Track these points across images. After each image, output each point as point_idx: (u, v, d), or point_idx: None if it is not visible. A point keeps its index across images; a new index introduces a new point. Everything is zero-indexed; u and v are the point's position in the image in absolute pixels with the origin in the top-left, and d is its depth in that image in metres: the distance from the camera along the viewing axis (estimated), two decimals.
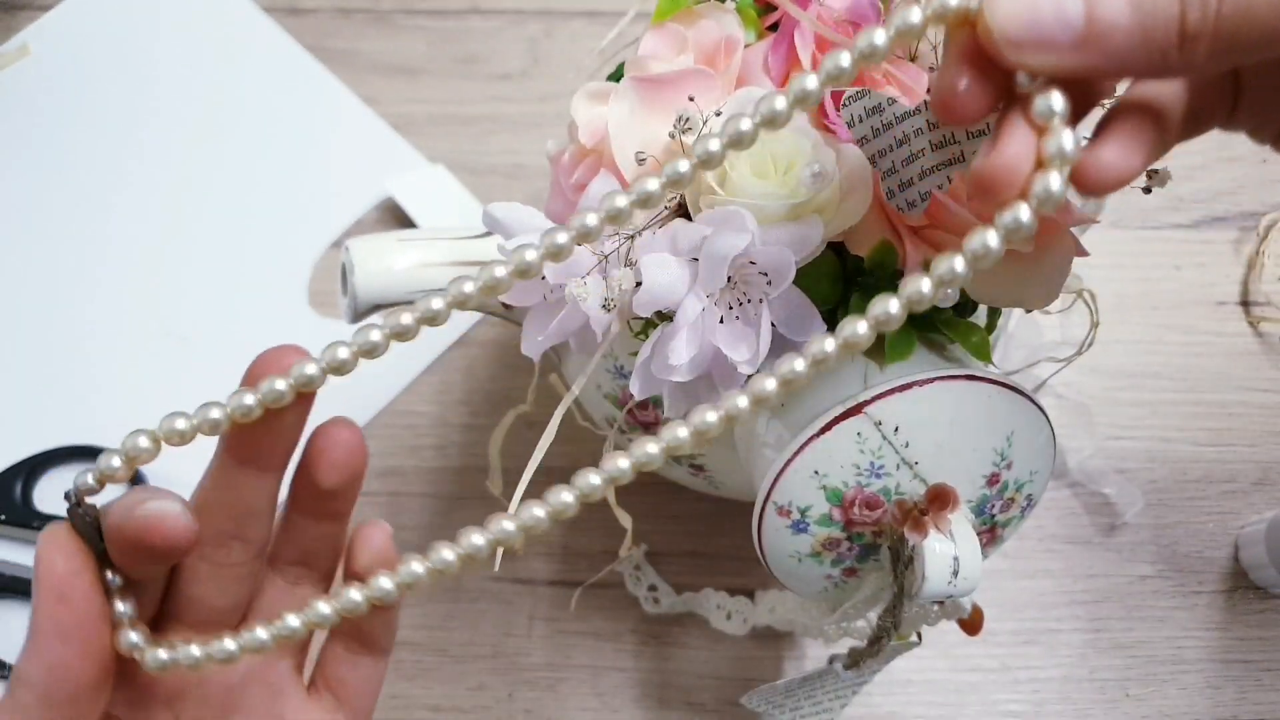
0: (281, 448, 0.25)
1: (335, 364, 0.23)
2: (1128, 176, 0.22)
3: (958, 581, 0.28)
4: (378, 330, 0.23)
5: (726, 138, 0.22)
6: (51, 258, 0.52)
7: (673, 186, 0.23)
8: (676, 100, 0.29)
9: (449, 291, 0.23)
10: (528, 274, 0.23)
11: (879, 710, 0.46)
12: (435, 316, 0.23)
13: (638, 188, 0.23)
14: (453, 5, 0.57)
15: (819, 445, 0.29)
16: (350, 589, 0.24)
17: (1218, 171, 0.54)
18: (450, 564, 0.23)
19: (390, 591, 0.23)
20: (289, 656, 0.28)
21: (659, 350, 0.28)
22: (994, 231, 0.20)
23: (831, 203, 0.29)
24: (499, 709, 0.46)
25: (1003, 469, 0.30)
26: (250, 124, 0.55)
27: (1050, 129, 0.20)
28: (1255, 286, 0.51)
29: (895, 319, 0.21)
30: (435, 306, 0.23)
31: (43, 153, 0.54)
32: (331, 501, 0.26)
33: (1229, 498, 0.48)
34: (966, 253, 0.21)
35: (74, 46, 0.56)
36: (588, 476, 0.23)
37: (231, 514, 0.25)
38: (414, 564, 0.23)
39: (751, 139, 0.22)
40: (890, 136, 0.27)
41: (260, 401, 0.23)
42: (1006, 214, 0.20)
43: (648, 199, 0.23)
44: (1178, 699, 0.46)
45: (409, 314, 0.23)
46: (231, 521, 0.25)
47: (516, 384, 0.50)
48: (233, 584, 0.26)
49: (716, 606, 0.46)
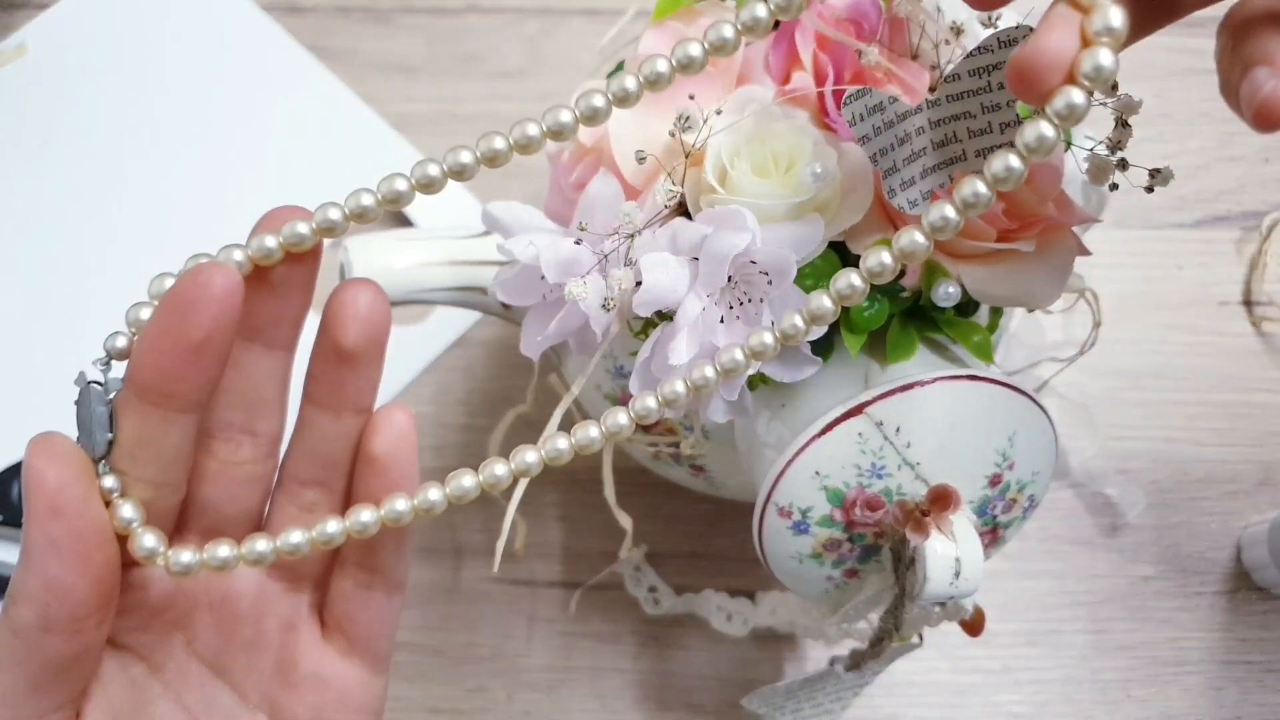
0: (290, 315, 0.23)
1: (369, 207, 0.21)
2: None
3: (959, 583, 0.28)
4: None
5: (643, 76, 0.22)
6: (49, 257, 0.51)
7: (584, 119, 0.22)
8: (676, 99, 0.29)
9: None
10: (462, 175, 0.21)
11: (880, 712, 0.45)
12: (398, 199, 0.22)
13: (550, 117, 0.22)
14: (451, 4, 0.57)
15: (820, 446, 0.29)
16: (361, 510, 0.22)
17: (1220, 171, 0.53)
18: (469, 491, 0.22)
19: (404, 513, 0.22)
20: (306, 590, 0.26)
21: (659, 350, 0.28)
22: (950, 206, 0.20)
23: (832, 202, 0.29)
24: (498, 711, 0.45)
25: (1005, 469, 0.30)
26: (248, 122, 0.54)
27: (1096, 5, 0.19)
28: (1258, 286, 0.51)
29: (859, 291, 0.22)
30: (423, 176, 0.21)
31: (40, 152, 0.53)
32: (353, 375, 0.24)
33: (1231, 498, 0.48)
34: (925, 225, 0.21)
35: (71, 45, 0.55)
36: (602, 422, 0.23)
37: (240, 402, 0.23)
38: (432, 491, 0.22)
39: (669, 79, 0.22)
40: (891, 135, 0.27)
41: (282, 245, 0.21)
42: (1058, 99, 0.19)
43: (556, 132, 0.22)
44: (1180, 700, 0.46)
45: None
46: (240, 411, 0.23)
47: (516, 384, 0.50)
48: (242, 488, 0.24)
49: (717, 608, 0.45)
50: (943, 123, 0.27)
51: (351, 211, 0.22)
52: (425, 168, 0.22)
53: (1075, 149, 0.30)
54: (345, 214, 0.22)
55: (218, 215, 0.52)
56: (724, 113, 0.29)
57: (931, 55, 0.30)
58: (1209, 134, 0.54)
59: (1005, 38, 0.25)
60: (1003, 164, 0.20)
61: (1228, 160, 0.54)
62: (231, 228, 0.52)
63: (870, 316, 0.30)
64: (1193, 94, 0.54)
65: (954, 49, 0.29)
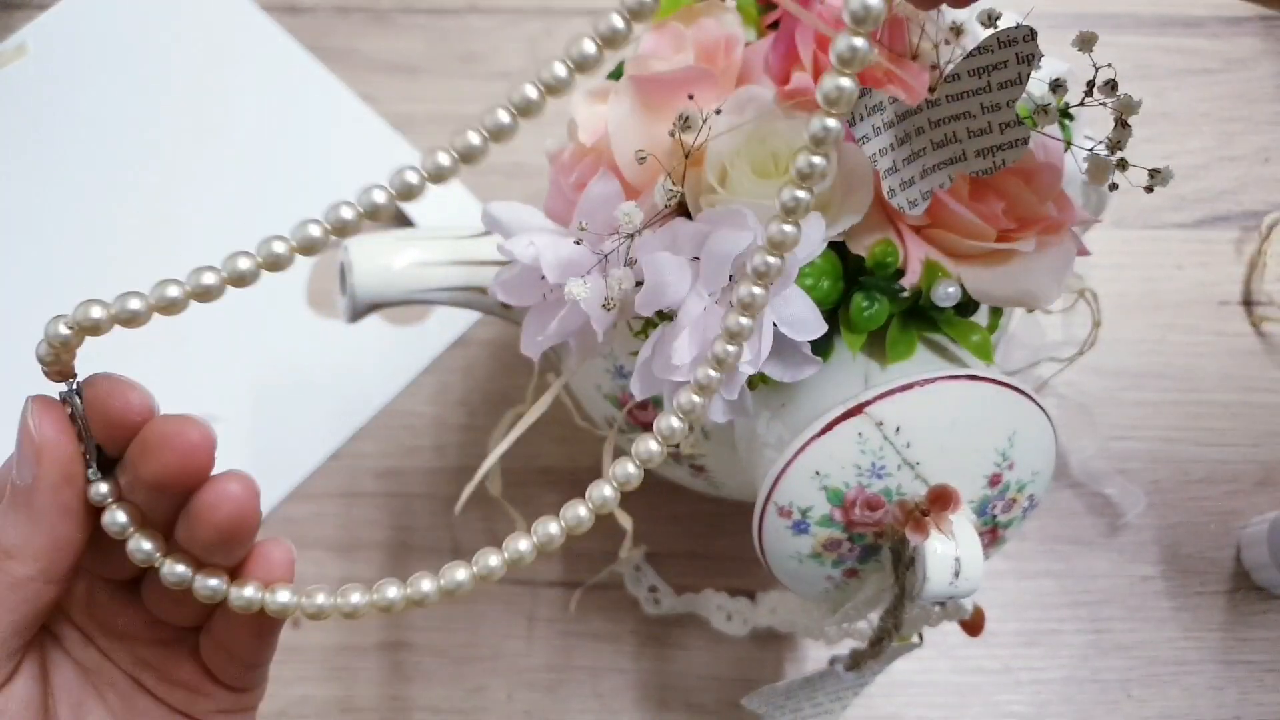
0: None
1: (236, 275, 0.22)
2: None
3: (959, 582, 0.28)
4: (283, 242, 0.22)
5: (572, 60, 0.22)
6: (49, 257, 0.51)
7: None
8: (676, 99, 0.29)
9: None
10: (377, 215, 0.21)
11: (880, 712, 0.45)
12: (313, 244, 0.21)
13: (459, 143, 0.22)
14: (452, 3, 0.57)
15: (820, 445, 0.29)
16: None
17: (1219, 171, 0.53)
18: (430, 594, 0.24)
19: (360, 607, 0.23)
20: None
21: (660, 350, 0.28)
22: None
23: (833, 202, 0.29)
24: (498, 711, 0.45)
25: (1004, 469, 0.30)
26: (249, 123, 0.54)
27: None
28: (1257, 286, 0.51)
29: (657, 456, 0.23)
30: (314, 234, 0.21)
31: (40, 152, 0.53)
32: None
33: (1231, 498, 0.48)
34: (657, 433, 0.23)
35: (72, 45, 0.55)
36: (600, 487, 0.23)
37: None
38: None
39: (597, 60, 0.22)
40: (891, 135, 0.27)
41: (293, 248, 0.22)
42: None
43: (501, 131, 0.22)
44: (1180, 700, 0.46)
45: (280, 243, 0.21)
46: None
47: (515, 384, 0.50)
48: None
49: (717, 608, 0.45)
50: (943, 123, 0.27)
51: (366, 209, 0.22)
52: (435, 157, 0.21)
53: (1075, 149, 0.30)
54: (359, 213, 0.22)
55: (218, 215, 0.52)
56: (724, 113, 0.29)
57: (931, 55, 0.30)
58: (1209, 134, 0.54)
59: (1005, 38, 0.25)
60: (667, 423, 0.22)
61: (1227, 160, 0.54)
62: (232, 227, 0.52)
63: (870, 316, 0.30)
64: (1192, 94, 0.54)
65: (954, 49, 0.29)
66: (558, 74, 0.21)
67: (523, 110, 0.21)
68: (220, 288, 0.22)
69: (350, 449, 0.49)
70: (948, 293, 0.29)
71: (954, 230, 0.29)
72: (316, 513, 0.48)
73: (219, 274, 0.22)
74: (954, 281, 0.29)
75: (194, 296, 0.22)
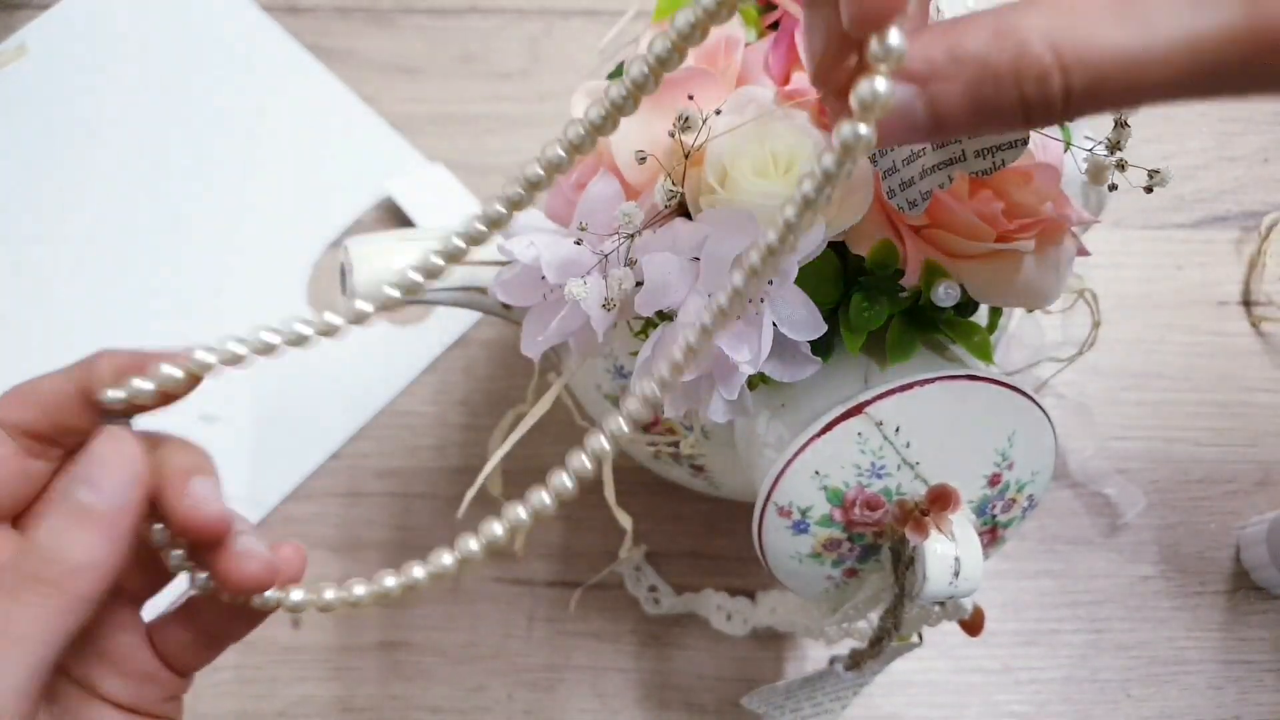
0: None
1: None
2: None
3: (959, 582, 0.28)
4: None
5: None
6: (48, 257, 0.51)
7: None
8: (676, 99, 0.29)
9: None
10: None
11: (880, 711, 0.45)
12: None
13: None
14: (452, 4, 0.57)
15: (820, 445, 0.29)
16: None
17: (1219, 171, 0.53)
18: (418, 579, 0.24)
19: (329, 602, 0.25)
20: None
21: (660, 350, 0.28)
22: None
23: (833, 202, 0.29)
24: (499, 710, 0.46)
25: (1004, 469, 0.30)
26: (249, 123, 0.54)
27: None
28: (1257, 286, 0.51)
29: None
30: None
31: (40, 152, 0.53)
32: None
33: (1231, 498, 0.48)
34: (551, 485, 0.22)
35: (72, 46, 0.55)
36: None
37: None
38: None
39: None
40: None
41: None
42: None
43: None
44: (1179, 700, 0.46)
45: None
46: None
47: (516, 384, 0.50)
48: None
49: (717, 607, 0.46)
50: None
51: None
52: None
53: (1074, 149, 0.30)
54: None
55: (218, 214, 0.52)
56: (724, 113, 0.29)
57: None
58: (1208, 134, 0.54)
59: None
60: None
61: (1227, 160, 0.54)
62: (231, 227, 0.52)
63: (870, 316, 0.30)
64: None
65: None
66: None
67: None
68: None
69: (351, 449, 0.49)
70: (947, 293, 0.29)
71: (954, 230, 0.29)
72: (317, 513, 0.48)
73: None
74: (954, 282, 0.29)
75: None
